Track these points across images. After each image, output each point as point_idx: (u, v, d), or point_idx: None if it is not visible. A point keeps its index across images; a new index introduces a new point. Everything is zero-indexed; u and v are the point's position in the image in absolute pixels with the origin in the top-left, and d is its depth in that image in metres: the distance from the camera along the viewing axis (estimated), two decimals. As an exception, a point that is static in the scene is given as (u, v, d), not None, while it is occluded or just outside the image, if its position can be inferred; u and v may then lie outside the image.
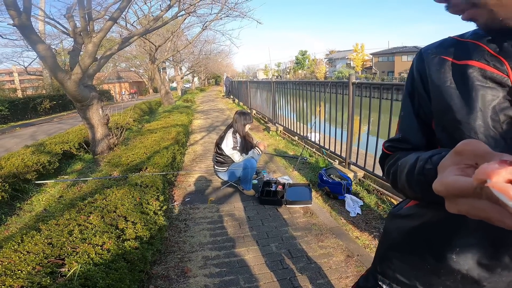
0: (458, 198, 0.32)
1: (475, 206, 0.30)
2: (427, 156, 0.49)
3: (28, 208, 3.53)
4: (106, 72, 28.33)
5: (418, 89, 0.62)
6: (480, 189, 0.28)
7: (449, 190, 0.32)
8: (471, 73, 0.52)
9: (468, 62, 0.53)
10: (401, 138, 0.66)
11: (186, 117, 8.80)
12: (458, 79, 0.54)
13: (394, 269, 0.66)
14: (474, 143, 0.33)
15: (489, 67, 0.50)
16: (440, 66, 0.57)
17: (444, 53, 0.57)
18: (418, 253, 0.61)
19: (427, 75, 0.59)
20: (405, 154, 0.61)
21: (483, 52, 0.52)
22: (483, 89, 0.50)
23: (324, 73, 52.30)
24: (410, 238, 0.65)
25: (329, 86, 4.45)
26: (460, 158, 0.34)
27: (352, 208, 3.01)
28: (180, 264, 2.25)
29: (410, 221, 0.65)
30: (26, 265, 1.47)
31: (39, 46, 3.80)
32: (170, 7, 6.13)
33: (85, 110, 5.02)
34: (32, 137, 8.70)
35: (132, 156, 3.93)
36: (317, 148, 5.02)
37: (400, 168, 0.57)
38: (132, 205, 2.35)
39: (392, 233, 0.71)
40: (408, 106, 0.64)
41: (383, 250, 0.73)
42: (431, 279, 0.59)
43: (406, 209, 0.68)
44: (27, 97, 15.75)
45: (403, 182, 0.56)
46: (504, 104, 0.48)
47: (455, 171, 0.33)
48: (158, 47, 12.71)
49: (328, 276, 2.06)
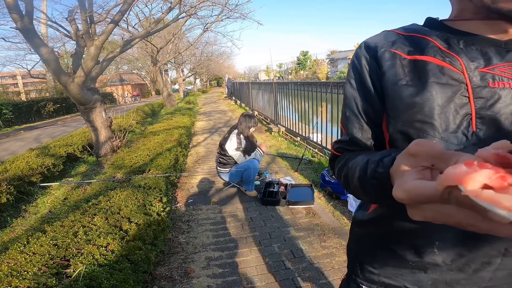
0: (422, 205, 0.29)
1: (441, 212, 0.27)
2: (377, 158, 0.46)
3: (33, 210, 3.57)
4: (108, 74, 28.48)
5: (366, 87, 0.58)
6: (448, 194, 0.25)
7: (412, 197, 0.29)
8: (429, 69, 0.50)
9: (421, 57, 0.52)
10: (349, 139, 0.63)
11: (189, 119, 8.83)
12: (413, 76, 0.52)
13: (379, 274, 0.64)
14: (428, 143, 0.31)
15: (446, 64, 0.50)
16: (392, 61, 0.54)
17: (393, 46, 0.55)
18: (398, 253, 0.60)
19: (379, 71, 0.55)
20: (354, 156, 0.58)
21: (435, 48, 0.51)
22: (442, 86, 0.49)
23: (326, 73, 52.18)
24: (385, 241, 0.63)
25: (330, 86, 4.45)
26: (414, 160, 0.32)
27: (355, 208, 3.01)
28: (183, 264, 2.26)
29: (378, 225, 0.64)
30: (32, 266, 1.49)
31: (42, 49, 3.84)
32: (171, 9, 6.17)
33: (88, 112, 5.07)
34: (37, 140, 8.77)
35: (135, 158, 3.95)
36: (319, 149, 5.02)
37: (351, 171, 0.54)
38: (136, 206, 2.37)
39: (363, 238, 0.70)
40: (353, 105, 0.61)
41: (359, 256, 0.70)
42: (418, 276, 0.58)
43: (369, 213, 0.66)
44: (31, 100, 15.86)
45: (355, 186, 0.53)
46: (462, 101, 0.48)
47: (414, 175, 0.30)
48: (159, 49, 12.79)
49: (331, 276, 2.07)
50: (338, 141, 0.67)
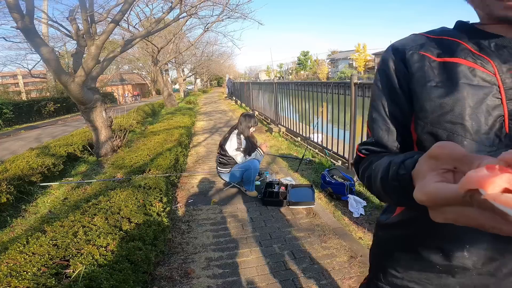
0: (444, 207, 0.29)
1: (464, 214, 0.27)
2: (400, 160, 0.47)
3: (33, 210, 3.56)
4: (109, 74, 28.51)
5: (394, 89, 0.58)
6: (469, 197, 0.26)
7: (433, 199, 0.30)
8: (460, 71, 0.50)
9: (452, 59, 0.51)
10: (375, 141, 0.63)
11: (189, 119, 8.83)
12: (444, 78, 0.52)
13: (402, 277, 0.63)
14: (450, 146, 0.31)
15: (477, 66, 0.50)
16: (421, 63, 0.54)
17: (422, 49, 0.55)
18: (424, 257, 0.58)
19: (407, 73, 0.56)
20: (378, 158, 0.58)
21: (466, 50, 0.51)
22: (474, 88, 0.49)
23: (326, 73, 52.21)
24: (411, 244, 0.61)
25: (331, 87, 4.45)
26: (436, 163, 0.32)
27: (355, 208, 3.00)
28: (184, 265, 2.26)
29: (405, 228, 0.63)
30: (32, 266, 1.48)
31: (42, 49, 3.84)
32: (171, 9, 6.17)
33: (88, 112, 5.07)
34: (37, 140, 8.77)
35: (135, 158, 3.95)
36: (320, 149, 5.01)
37: (374, 173, 0.54)
38: (136, 206, 2.37)
39: (388, 243, 0.69)
40: (380, 107, 0.61)
41: (382, 260, 0.69)
42: (446, 280, 0.57)
43: (395, 217, 0.66)
44: (32, 100, 15.87)
45: (378, 188, 0.53)
46: (494, 103, 0.48)
47: (435, 177, 0.31)
48: (160, 49, 12.79)
49: (331, 277, 2.06)
50: (363, 143, 0.67)
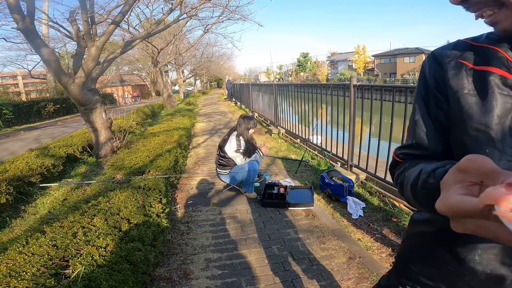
0: (464, 218, 0.31)
1: (482, 226, 0.29)
2: (431, 169, 0.47)
3: (33, 210, 3.56)
4: (109, 75, 28.53)
5: (435, 93, 0.59)
6: (487, 211, 0.27)
7: (454, 210, 0.31)
8: (492, 80, 0.50)
9: (487, 68, 0.51)
10: (415, 144, 0.62)
11: (189, 120, 8.84)
12: (477, 86, 0.52)
13: (418, 272, 0.66)
14: (480, 159, 0.32)
15: (509, 75, 0.49)
16: (457, 70, 0.55)
17: (460, 57, 0.55)
18: (440, 256, 0.61)
19: (445, 78, 0.57)
20: (413, 164, 0.58)
21: (502, 59, 0.51)
22: (503, 97, 0.49)
23: (326, 75, 52.32)
24: (431, 242, 0.64)
25: (330, 88, 4.46)
26: (463, 176, 0.33)
27: (354, 210, 3.01)
28: (183, 266, 2.26)
29: (430, 226, 0.65)
30: (31, 266, 1.49)
31: (43, 50, 3.85)
32: (172, 10, 6.18)
33: (88, 113, 5.07)
34: (36, 141, 8.76)
35: (135, 159, 3.95)
36: (319, 151, 5.02)
37: (406, 179, 0.55)
38: (135, 207, 2.37)
39: (413, 237, 0.71)
40: (423, 110, 0.61)
41: (405, 253, 0.73)
42: (456, 281, 0.59)
43: (426, 214, 0.68)
44: (31, 101, 15.85)
45: (408, 194, 0.54)
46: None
47: (459, 190, 0.32)
48: (160, 50, 12.81)
49: (330, 278, 2.07)
50: (402, 147, 0.67)
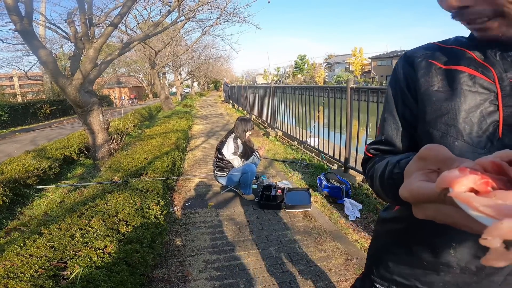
0: (424, 204, 0.32)
1: (441, 212, 0.30)
2: (396, 160, 0.50)
3: (29, 212, 3.54)
4: (106, 77, 28.44)
5: (404, 92, 0.62)
6: (443, 195, 0.28)
7: (414, 196, 0.32)
8: (461, 78, 0.53)
9: (456, 67, 0.55)
10: (384, 139, 0.66)
11: (186, 122, 8.83)
12: (446, 83, 0.55)
13: (392, 272, 0.66)
14: (436, 148, 0.33)
15: (478, 73, 0.52)
16: (427, 69, 0.58)
17: (431, 57, 0.59)
18: (414, 252, 0.62)
19: (414, 78, 0.60)
20: (382, 158, 0.61)
21: (470, 59, 0.54)
22: (472, 94, 0.52)
23: (323, 77, 52.53)
24: (403, 239, 0.65)
25: (327, 91, 4.49)
26: (423, 163, 0.34)
27: (351, 211, 3.03)
28: (181, 267, 2.26)
29: (400, 223, 0.66)
30: (29, 268, 1.49)
31: (40, 51, 3.84)
32: (170, 12, 6.20)
33: (85, 115, 5.06)
34: (33, 142, 8.71)
35: (132, 162, 3.95)
36: (316, 153, 5.05)
37: (376, 172, 0.58)
38: (133, 209, 2.37)
39: (383, 236, 0.72)
40: (392, 107, 0.65)
41: (377, 253, 0.73)
42: (430, 277, 0.59)
43: (395, 212, 0.69)
44: (27, 102, 15.79)
45: (377, 186, 0.56)
46: (490, 109, 0.51)
47: (419, 176, 0.33)
48: (157, 52, 12.80)
49: (328, 279, 2.08)
50: (372, 143, 0.70)
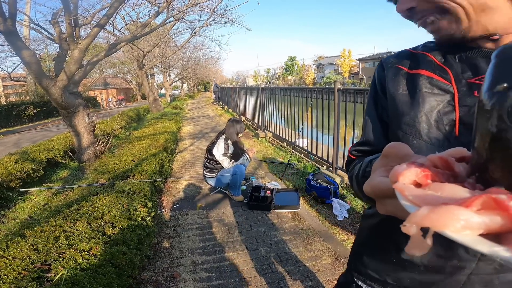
0: (385, 199, 0.32)
1: (397, 207, 0.29)
2: (370, 159, 0.53)
3: (13, 215, 3.45)
4: (92, 78, 27.95)
5: (380, 95, 0.66)
6: None
7: (375, 191, 0.33)
8: (420, 81, 0.57)
9: (418, 71, 0.59)
10: (365, 141, 0.69)
11: (175, 124, 8.76)
12: (409, 87, 0.59)
13: (366, 266, 0.69)
14: (397, 146, 0.34)
15: (435, 75, 0.56)
16: (395, 75, 0.62)
17: (400, 63, 0.63)
18: (384, 248, 0.64)
19: (384, 82, 0.64)
20: (362, 159, 0.63)
21: (430, 62, 0.58)
22: (429, 95, 0.55)
23: (312, 79, 52.99)
24: (375, 234, 0.68)
25: (315, 92, 4.54)
26: (386, 161, 0.35)
27: (339, 211, 3.06)
28: (169, 269, 2.24)
29: (375, 219, 0.69)
30: (12, 270, 1.45)
31: (24, 52, 3.76)
32: (158, 13, 6.16)
33: (70, 117, 4.96)
34: (16, 145, 8.49)
35: (119, 164, 3.89)
36: (305, 154, 5.08)
37: (355, 173, 0.60)
38: (120, 211, 2.34)
39: (363, 231, 0.75)
40: (372, 110, 0.68)
41: (357, 248, 0.76)
42: (399, 273, 0.61)
43: (374, 208, 0.71)
44: (11, 104, 15.38)
45: (355, 186, 0.59)
46: (447, 109, 0.54)
47: (381, 172, 0.34)
48: (146, 53, 12.65)
49: (317, 279, 2.10)
50: (355, 144, 0.73)
